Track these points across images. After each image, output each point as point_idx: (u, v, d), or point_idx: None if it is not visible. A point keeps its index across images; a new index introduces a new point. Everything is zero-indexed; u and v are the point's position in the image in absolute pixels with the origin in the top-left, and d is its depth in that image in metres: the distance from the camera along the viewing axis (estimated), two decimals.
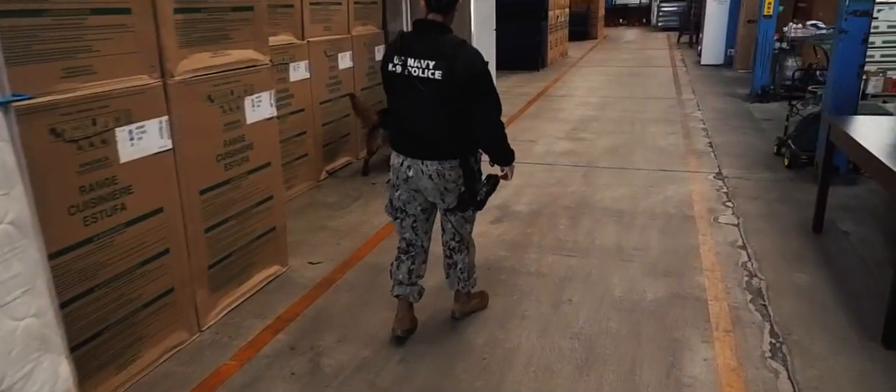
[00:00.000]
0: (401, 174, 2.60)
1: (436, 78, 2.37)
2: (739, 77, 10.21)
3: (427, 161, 2.50)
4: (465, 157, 2.55)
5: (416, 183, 2.57)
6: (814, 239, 3.85)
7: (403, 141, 2.59)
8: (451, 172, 2.52)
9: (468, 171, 2.56)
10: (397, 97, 2.57)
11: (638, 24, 23.10)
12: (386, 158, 3.05)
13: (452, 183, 2.55)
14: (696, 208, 4.46)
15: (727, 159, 5.61)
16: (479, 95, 2.44)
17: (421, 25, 2.50)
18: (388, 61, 2.51)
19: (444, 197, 2.58)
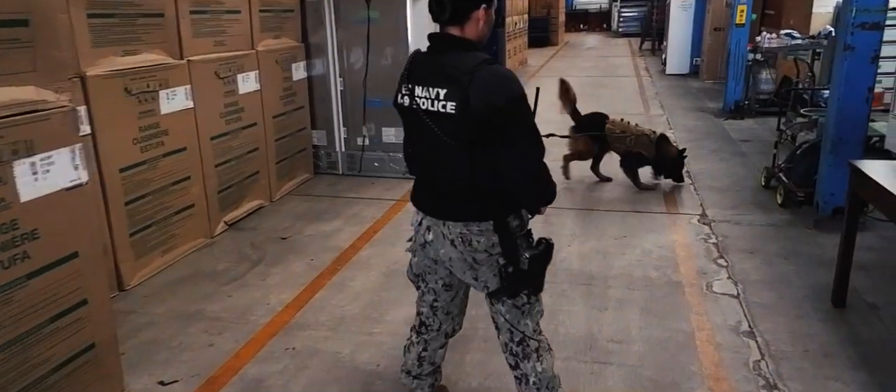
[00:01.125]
0: (419, 237, 2.04)
1: (448, 112, 1.77)
2: (707, 88, 9.52)
3: (449, 222, 1.91)
4: (502, 218, 1.89)
5: (437, 250, 1.97)
6: (838, 319, 2.98)
7: (422, 193, 2.02)
8: (480, 239, 1.89)
9: (506, 238, 1.88)
10: (411, 137, 1.99)
11: (598, 30, 22.58)
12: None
13: (484, 252, 1.90)
14: (682, 270, 3.56)
15: (711, 195, 4.77)
16: (507, 134, 1.78)
17: (433, 42, 1.88)
18: (397, 91, 1.95)
19: (477, 273, 1.94)
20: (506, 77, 1.79)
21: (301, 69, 5.08)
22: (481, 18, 1.83)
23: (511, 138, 1.78)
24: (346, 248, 3.98)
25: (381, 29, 4.95)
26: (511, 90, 1.76)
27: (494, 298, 1.99)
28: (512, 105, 1.75)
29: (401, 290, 3.40)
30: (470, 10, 1.80)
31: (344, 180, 5.37)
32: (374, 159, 5.35)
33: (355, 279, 3.54)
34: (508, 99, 1.74)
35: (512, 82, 1.78)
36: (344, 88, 5.24)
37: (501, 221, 1.86)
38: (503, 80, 1.77)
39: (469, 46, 1.82)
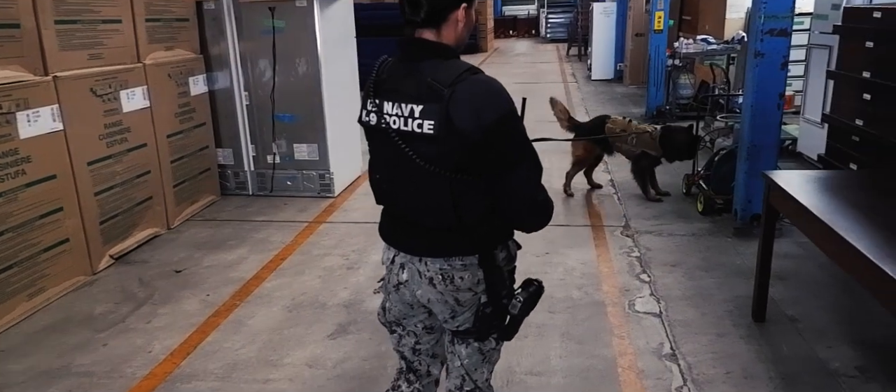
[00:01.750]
0: (392, 277, 1.73)
1: (426, 132, 1.49)
2: (631, 94, 9.66)
3: (427, 258, 1.63)
4: (489, 251, 1.62)
5: (413, 291, 1.68)
6: (759, 335, 2.90)
7: (393, 226, 1.72)
8: (463, 275, 1.61)
9: (492, 273, 1.62)
10: (379, 162, 1.69)
11: (527, 36, 22.81)
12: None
13: (468, 291, 1.63)
14: (605, 287, 3.42)
15: (633, 205, 4.70)
16: (504, 158, 1.52)
17: (405, 48, 1.58)
18: (362, 107, 1.66)
19: (456, 313, 1.66)
20: (494, 89, 1.49)
21: (201, 83, 4.66)
22: (461, 19, 1.54)
23: (507, 162, 1.51)
24: (248, 279, 3.62)
25: (288, 39, 4.60)
26: (501, 105, 1.48)
27: (459, 339, 1.72)
28: (505, 123, 1.48)
29: (306, 325, 3.09)
30: (449, 10, 1.51)
31: (254, 202, 4.98)
32: (287, 178, 4.99)
33: (255, 316, 3.20)
34: (500, 116, 1.47)
35: (501, 95, 1.49)
36: (250, 103, 4.85)
37: (489, 255, 1.60)
38: (491, 94, 1.48)
39: (448, 53, 1.54)
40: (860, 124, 3.37)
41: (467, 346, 1.70)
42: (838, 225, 2.12)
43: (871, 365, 2.62)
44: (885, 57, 3.23)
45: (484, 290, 1.61)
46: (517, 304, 1.63)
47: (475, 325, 1.65)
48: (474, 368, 1.73)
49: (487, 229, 1.58)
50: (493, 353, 1.75)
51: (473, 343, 1.70)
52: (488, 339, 1.70)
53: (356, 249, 4.00)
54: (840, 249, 2.13)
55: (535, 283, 1.69)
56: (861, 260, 1.95)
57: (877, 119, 3.25)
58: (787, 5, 3.72)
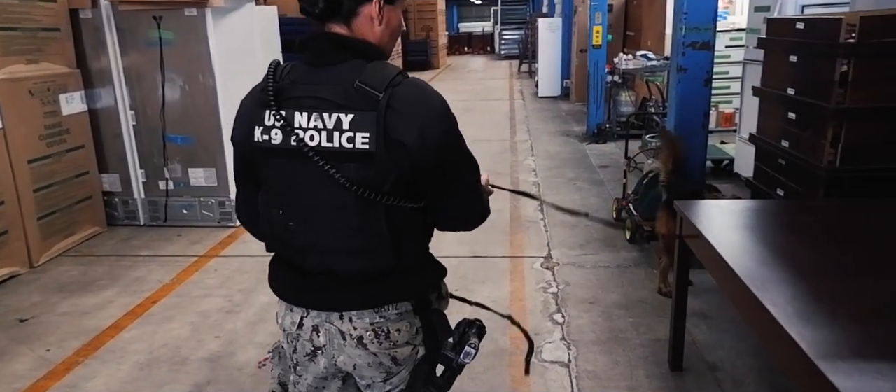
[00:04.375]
0: (302, 346, 1.39)
1: (359, 147, 1.19)
2: (575, 111, 9.45)
3: (352, 313, 1.32)
4: (424, 294, 1.38)
5: (333, 358, 1.37)
6: (673, 388, 2.56)
7: (296, 279, 1.35)
8: (400, 326, 1.34)
9: (431, 319, 1.38)
10: (279, 192, 1.29)
11: (482, 52, 22.73)
12: None
13: (406, 345, 1.36)
14: (512, 332, 3.04)
15: (559, 232, 4.37)
16: (457, 178, 1.31)
17: (317, 46, 1.27)
18: (249, 127, 1.27)
19: (391, 375, 1.38)
20: (436, 97, 1.25)
21: (77, 101, 4.15)
22: (375, 17, 1.25)
23: (459, 182, 1.31)
24: (105, 327, 3.12)
25: (179, 51, 4.14)
26: (447, 114, 1.25)
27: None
28: (452, 135, 1.26)
29: (155, 388, 2.62)
30: (358, 2, 1.23)
31: (144, 233, 4.47)
32: (183, 206, 4.50)
33: (97, 377, 2.71)
34: (447, 127, 1.24)
35: (444, 104, 1.25)
36: (138, 123, 4.36)
37: (425, 298, 1.36)
38: (434, 102, 1.24)
39: (374, 53, 1.26)
40: (786, 146, 3.10)
41: None
42: (753, 283, 1.79)
43: None
44: (808, 72, 2.98)
45: (422, 342, 1.36)
46: (472, 352, 1.37)
47: (412, 386, 1.38)
48: None
49: (424, 266, 1.37)
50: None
51: None
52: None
53: (242, 289, 3.54)
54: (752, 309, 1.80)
55: (477, 324, 1.42)
56: (769, 320, 1.61)
57: (801, 141, 2.98)
58: (708, 17, 3.47)
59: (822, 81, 2.82)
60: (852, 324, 1.56)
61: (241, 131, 1.29)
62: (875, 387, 1.27)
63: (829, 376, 1.30)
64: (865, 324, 1.56)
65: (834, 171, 2.76)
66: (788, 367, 1.54)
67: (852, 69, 2.72)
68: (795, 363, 1.45)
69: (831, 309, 1.63)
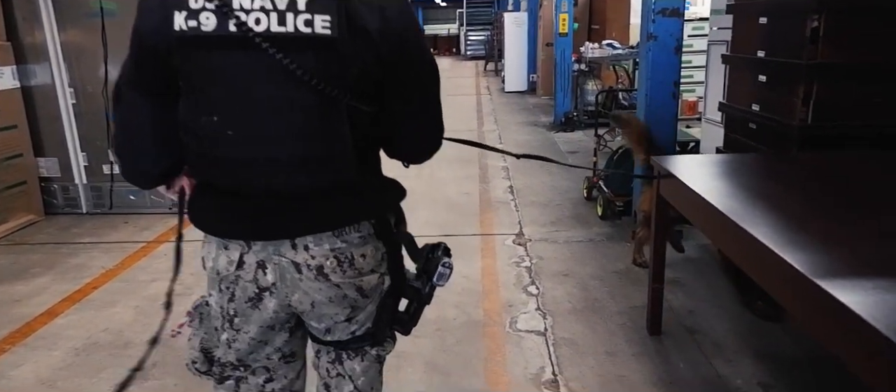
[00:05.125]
0: (243, 289, 1.15)
1: (320, 32, 0.99)
2: (542, 104, 9.41)
3: (308, 240, 1.12)
4: (384, 215, 1.21)
5: (286, 298, 1.15)
6: (653, 351, 2.44)
7: (233, 206, 1.12)
8: (365, 251, 1.16)
9: (396, 243, 1.22)
10: (207, 98, 1.05)
11: (448, 53, 22.67)
12: None
13: (371, 273, 1.18)
14: (486, 304, 2.89)
15: (530, 211, 4.25)
16: (414, 79, 1.13)
17: None
18: (165, 13, 1.01)
19: (357, 310, 1.20)
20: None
21: (7, 76, 3.83)
22: None
23: (415, 90, 1.14)
24: (37, 315, 2.84)
25: (124, 25, 3.87)
26: (409, 6, 1.11)
27: (352, 351, 1.26)
28: (414, 28, 1.11)
29: (92, 373, 2.39)
30: None
31: (87, 221, 4.16)
32: (130, 192, 4.20)
33: (25, 363, 2.44)
34: (409, 19, 1.09)
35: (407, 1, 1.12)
36: (78, 102, 4.06)
37: (385, 220, 1.20)
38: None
39: None
40: (757, 109, 3.04)
41: (363, 357, 1.27)
42: (741, 219, 1.68)
43: (776, 380, 2.21)
44: (779, 32, 2.92)
45: (387, 270, 1.21)
46: (447, 271, 1.25)
47: (379, 322, 1.22)
48: (371, 386, 1.32)
49: (384, 183, 1.22)
50: (383, 354, 1.33)
51: (371, 351, 1.28)
52: (388, 340, 1.30)
53: (196, 272, 3.28)
54: (736, 240, 1.69)
55: (442, 247, 1.29)
56: (757, 250, 1.50)
57: (773, 102, 2.92)
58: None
59: (793, 40, 2.77)
60: (845, 249, 1.46)
61: (151, 20, 1.02)
62: (881, 299, 1.16)
63: (832, 292, 1.19)
64: (858, 249, 1.46)
65: (806, 128, 2.70)
66: (784, 295, 1.42)
67: (823, 25, 2.66)
68: (792, 287, 1.34)
69: (822, 238, 1.53)
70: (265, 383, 1.26)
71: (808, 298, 1.26)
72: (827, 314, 1.21)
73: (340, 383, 1.27)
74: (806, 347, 2.43)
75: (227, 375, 1.24)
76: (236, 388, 1.26)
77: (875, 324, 1.06)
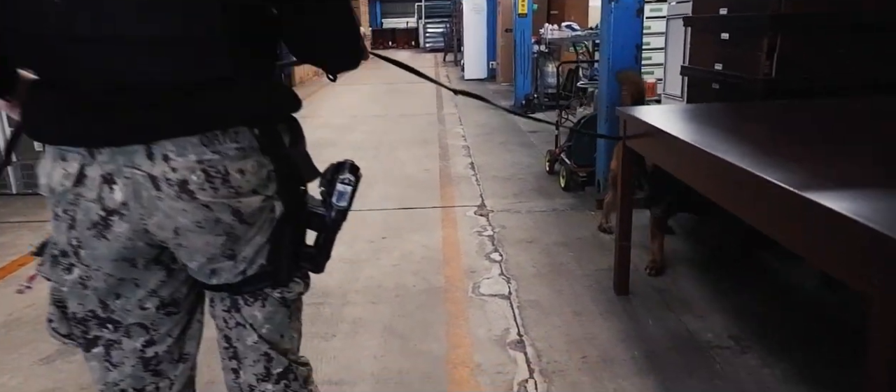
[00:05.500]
0: (86, 213, 0.90)
1: None
2: (503, 90, 9.35)
3: (168, 147, 0.87)
4: (272, 125, 0.96)
5: (142, 221, 0.90)
6: (621, 311, 2.36)
7: (72, 104, 0.87)
8: (244, 165, 0.92)
9: (287, 160, 0.98)
10: None
11: (407, 47, 22.49)
12: None
13: (252, 194, 0.93)
14: (447, 271, 2.76)
15: (492, 185, 4.14)
16: None
17: None
18: None
19: (239, 243, 0.96)
20: None
21: None
22: None
23: None
24: None
25: None
26: None
27: (249, 296, 1.01)
28: None
29: (12, 349, 2.15)
30: None
31: (16, 201, 3.85)
32: None
33: None
34: None
35: None
36: None
37: (273, 131, 0.95)
38: None
39: None
40: (719, 68, 3.00)
41: (264, 302, 1.03)
42: (715, 149, 1.59)
43: (746, 334, 2.15)
44: None
45: (277, 193, 0.97)
46: (347, 189, 1.00)
47: (275, 258, 0.98)
48: (281, 334, 1.07)
49: (271, 85, 0.98)
50: (298, 304, 1.10)
51: (274, 294, 1.03)
52: (295, 281, 1.03)
53: None
54: (710, 172, 1.60)
55: (349, 164, 1.03)
56: (734, 175, 1.41)
57: (736, 59, 2.89)
58: None
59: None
60: (822, 167, 1.39)
61: None
62: (872, 207, 1.08)
63: (820, 201, 1.10)
64: (835, 168, 1.39)
65: (771, 82, 2.66)
66: (765, 219, 1.33)
67: None
68: (776, 204, 1.25)
69: (796, 160, 1.45)
70: (145, 346, 1.01)
71: (798, 210, 1.17)
72: (812, 226, 1.12)
73: (241, 334, 1.04)
74: (775, 304, 2.39)
75: (94, 337, 0.99)
76: (107, 355, 1.01)
77: (868, 223, 0.97)
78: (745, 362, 1.98)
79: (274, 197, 0.96)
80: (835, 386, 1.84)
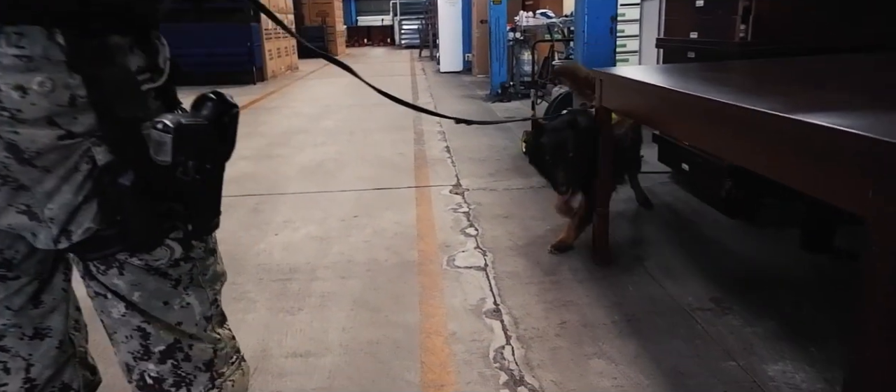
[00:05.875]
0: None
1: None
2: (479, 81, 9.29)
3: None
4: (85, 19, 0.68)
5: None
6: (600, 278, 2.28)
7: None
8: (25, 83, 0.66)
9: (107, 82, 0.71)
10: None
11: (383, 44, 22.35)
12: None
13: (42, 126, 0.69)
14: (421, 246, 2.66)
15: (468, 166, 4.05)
16: None
17: None
18: None
19: (34, 200, 0.73)
20: None
21: None
22: None
23: None
24: None
25: None
26: None
27: (101, 260, 0.82)
28: None
29: None
30: None
31: None
32: None
33: None
34: None
35: None
36: None
37: (92, 37, 0.71)
38: None
39: None
40: (695, 37, 2.96)
41: (121, 270, 0.83)
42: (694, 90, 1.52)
43: (728, 296, 2.09)
44: None
45: (98, 131, 0.74)
46: (166, 140, 0.74)
47: (109, 219, 0.77)
48: (164, 302, 0.87)
49: None
50: (190, 270, 0.88)
51: (133, 261, 0.83)
52: (164, 245, 0.84)
53: None
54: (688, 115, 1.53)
55: (215, 98, 0.83)
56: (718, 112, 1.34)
57: (711, 25, 2.85)
58: None
59: None
60: (809, 98, 1.32)
61: None
62: (862, 123, 1.01)
63: (811, 120, 1.03)
64: (824, 97, 1.33)
65: (746, 45, 2.63)
66: (753, 154, 1.26)
67: None
68: (763, 135, 1.17)
69: (784, 94, 1.39)
70: None
71: (780, 140, 1.10)
72: (803, 150, 1.05)
73: (104, 304, 0.86)
74: (755, 268, 2.35)
75: None
76: None
77: (861, 132, 0.90)
78: (727, 322, 1.92)
79: (87, 137, 0.73)
80: (817, 341, 1.79)
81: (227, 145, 0.85)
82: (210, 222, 0.87)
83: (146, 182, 0.76)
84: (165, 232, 0.83)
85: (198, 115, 0.81)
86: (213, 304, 0.94)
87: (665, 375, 1.67)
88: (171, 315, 0.88)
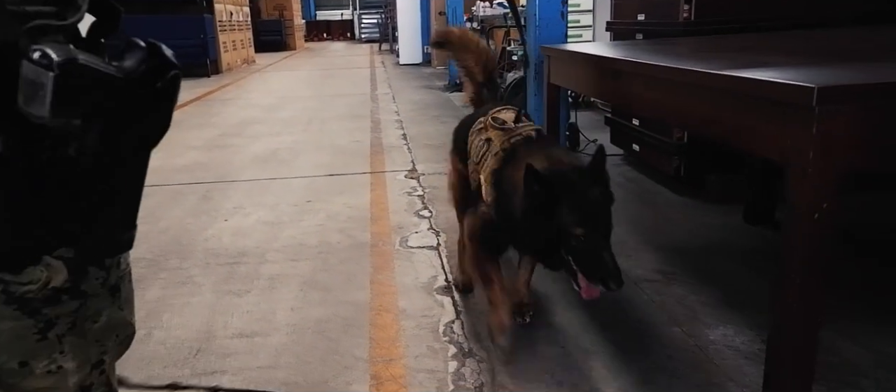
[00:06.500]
0: None
1: None
2: (438, 73, 9.28)
3: None
4: None
5: None
6: None
7: None
8: None
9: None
10: None
11: (342, 38, 22.10)
12: None
13: None
14: (374, 228, 2.64)
15: (424, 152, 4.04)
16: None
17: None
18: None
19: None
20: None
21: None
22: None
23: None
24: None
25: None
26: None
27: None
28: None
29: None
30: None
31: None
32: None
33: None
34: None
35: None
36: None
37: None
38: None
39: None
40: (642, 18, 3.02)
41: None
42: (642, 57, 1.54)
43: (675, 268, 2.14)
44: None
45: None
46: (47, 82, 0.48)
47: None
48: (12, 370, 0.59)
49: None
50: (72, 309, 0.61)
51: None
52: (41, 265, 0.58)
53: None
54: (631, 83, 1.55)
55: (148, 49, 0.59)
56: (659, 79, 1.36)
57: (657, 7, 2.90)
58: None
59: None
60: (745, 59, 1.35)
61: None
62: (788, 75, 1.03)
63: (740, 74, 1.05)
64: (759, 59, 1.36)
65: (690, 24, 2.69)
66: (691, 113, 1.28)
67: None
68: (698, 95, 1.19)
69: (719, 59, 1.42)
70: None
71: (715, 99, 1.12)
72: (733, 105, 1.07)
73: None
74: (700, 242, 2.41)
75: None
76: None
77: (778, 79, 0.93)
78: (673, 291, 1.97)
79: None
80: (757, 307, 1.84)
81: (157, 118, 0.60)
82: (118, 237, 0.60)
83: (12, 154, 0.51)
84: (45, 244, 0.56)
85: (114, 63, 0.56)
86: (96, 368, 0.62)
87: (611, 343, 1.70)
88: (26, 384, 0.57)
